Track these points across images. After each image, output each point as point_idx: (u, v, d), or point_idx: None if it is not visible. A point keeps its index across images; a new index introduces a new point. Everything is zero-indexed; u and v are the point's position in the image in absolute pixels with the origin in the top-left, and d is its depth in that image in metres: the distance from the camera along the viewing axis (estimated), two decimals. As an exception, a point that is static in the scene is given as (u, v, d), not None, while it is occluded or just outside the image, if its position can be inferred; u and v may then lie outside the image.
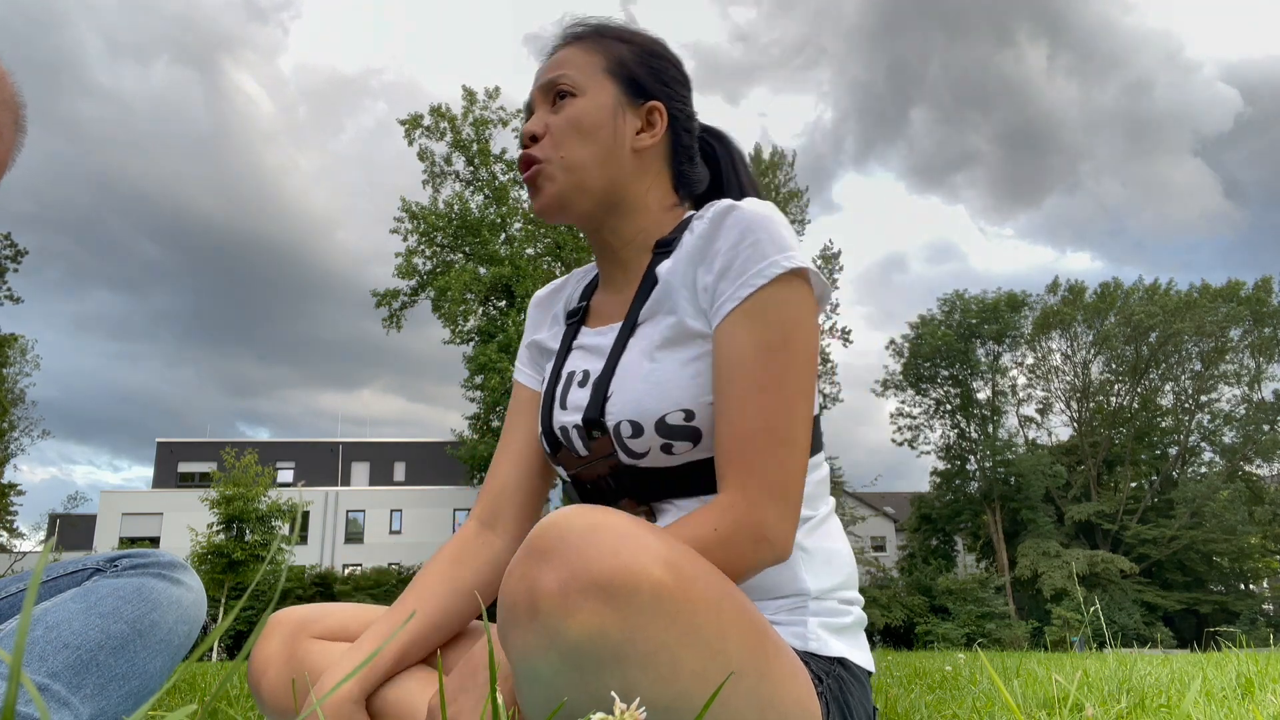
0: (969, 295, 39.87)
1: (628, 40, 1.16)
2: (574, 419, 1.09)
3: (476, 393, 29.96)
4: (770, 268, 0.97)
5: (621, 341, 1.08)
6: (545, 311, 1.30)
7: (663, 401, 1.00)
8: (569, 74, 1.13)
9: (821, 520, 1.07)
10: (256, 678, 1.08)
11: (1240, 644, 3.86)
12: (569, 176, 1.11)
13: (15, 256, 27.68)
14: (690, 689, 0.75)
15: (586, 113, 1.11)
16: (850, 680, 1.00)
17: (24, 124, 1.11)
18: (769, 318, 0.96)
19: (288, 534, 24.46)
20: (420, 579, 1.12)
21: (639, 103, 1.13)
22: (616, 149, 1.11)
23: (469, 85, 30.71)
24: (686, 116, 1.18)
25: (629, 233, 1.14)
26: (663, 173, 1.16)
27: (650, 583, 0.72)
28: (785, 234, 0.99)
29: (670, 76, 1.16)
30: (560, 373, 1.16)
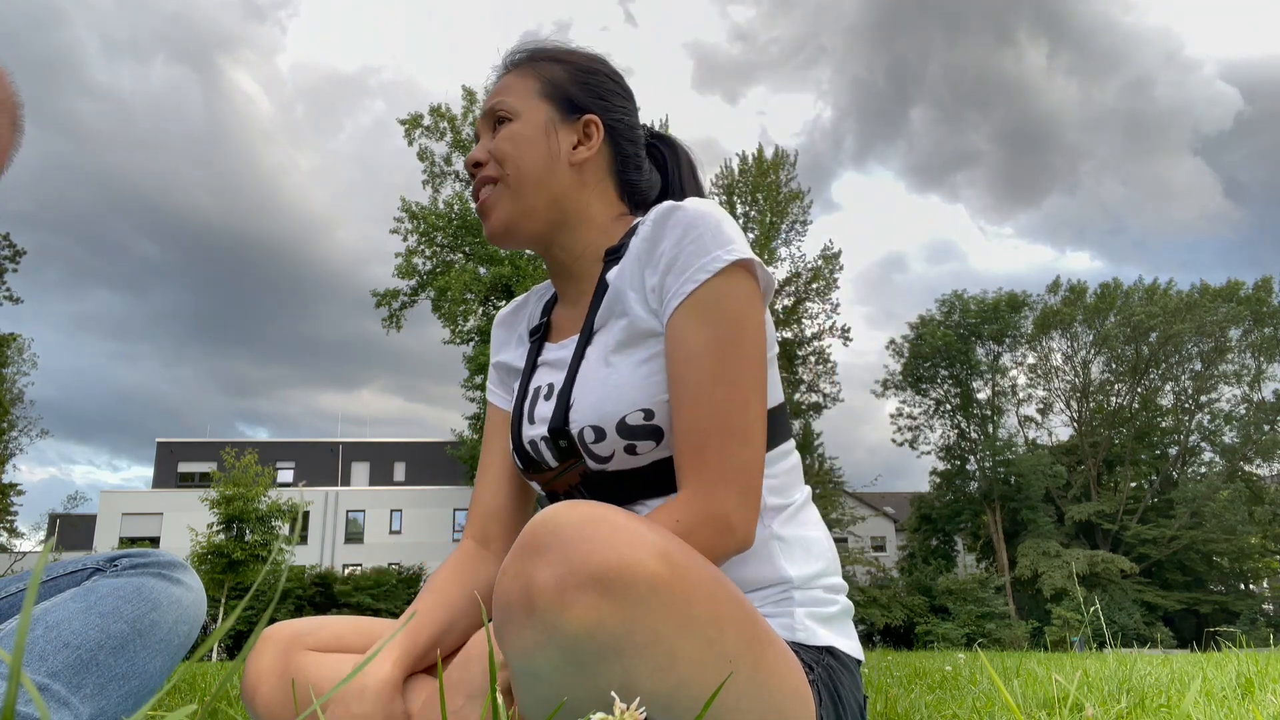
0: (968, 295, 39.91)
1: (562, 60, 1.21)
2: (541, 431, 1.11)
3: (476, 393, 29.96)
4: (713, 261, 0.99)
5: (580, 351, 1.11)
6: (509, 331, 1.33)
7: (621, 403, 1.02)
8: (505, 100, 1.17)
9: (798, 509, 1.08)
10: (250, 692, 1.06)
11: (1240, 644, 3.86)
12: (514, 203, 1.15)
13: (14, 256, 27.69)
14: (689, 677, 0.76)
15: (521, 133, 1.15)
16: (840, 669, 1.00)
17: (21, 123, 1.11)
18: (715, 311, 0.98)
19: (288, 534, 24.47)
20: (432, 583, 1.13)
21: (574, 118, 1.17)
22: (553, 164, 1.15)
23: (468, 85, 30.69)
24: (627, 126, 1.21)
25: (578, 247, 1.17)
26: (606, 183, 1.19)
27: (646, 574, 0.72)
28: (727, 228, 1.01)
29: (606, 90, 1.20)
30: (527, 389, 1.19)
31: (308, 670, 1.07)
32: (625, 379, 1.04)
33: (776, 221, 32.58)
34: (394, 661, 0.99)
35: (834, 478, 32.57)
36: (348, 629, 1.13)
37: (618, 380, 1.04)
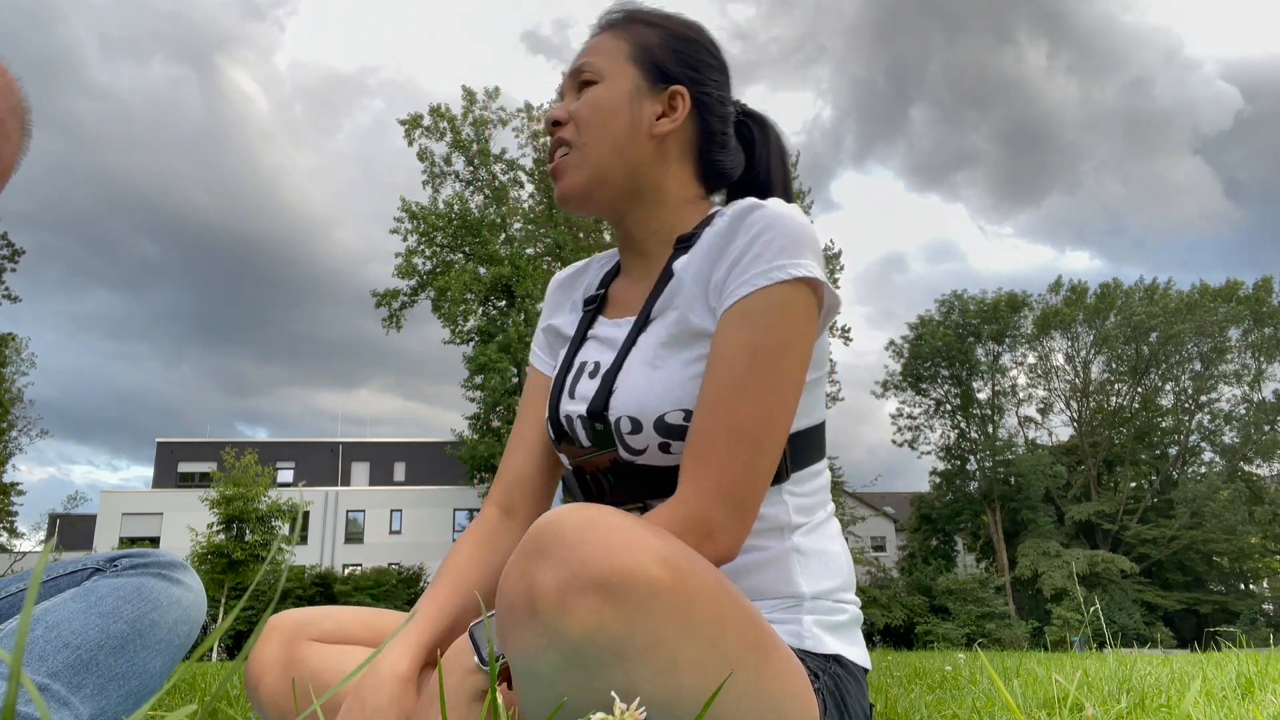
0: (968, 295, 39.91)
1: (658, 25, 1.15)
2: (579, 409, 1.09)
3: (476, 393, 29.97)
4: (776, 271, 0.96)
5: (632, 337, 1.08)
6: (564, 296, 1.29)
7: (663, 400, 1.00)
8: (594, 61, 1.13)
9: (819, 523, 1.07)
10: (254, 681, 1.07)
11: (1240, 644, 3.86)
12: (589, 167, 1.11)
13: (13, 256, 27.68)
14: (690, 683, 0.76)
15: (604, 99, 1.11)
16: (846, 677, 1.00)
17: (29, 128, 1.11)
18: (761, 320, 0.95)
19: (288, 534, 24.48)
20: (451, 560, 1.11)
21: (660, 88, 1.12)
22: (634, 135, 1.10)
23: (468, 85, 30.74)
24: (718, 101, 1.15)
25: (652, 224, 1.14)
26: (686, 160, 1.14)
27: (648, 579, 0.72)
28: (802, 241, 0.97)
29: (700, 60, 1.14)
30: (572, 362, 1.16)
31: (311, 661, 1.06)
32: (671, 377, 1.01)
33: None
34: (409, 653, 0.98)
35: (834, 478, 32.50)
36: (352, 620, 1.13)
37: (664, 377, 1.02)
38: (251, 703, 1.09)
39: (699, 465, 0.93)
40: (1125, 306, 38.37)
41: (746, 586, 1.00)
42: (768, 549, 1.02)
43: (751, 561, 1.02)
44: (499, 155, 30.55)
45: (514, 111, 30.76)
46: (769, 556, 1.02)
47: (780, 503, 1.03)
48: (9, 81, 1.07)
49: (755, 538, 1.02)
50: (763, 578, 1.01)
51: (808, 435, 1.06)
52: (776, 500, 1.03)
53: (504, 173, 30.86)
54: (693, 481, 0.93)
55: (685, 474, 0.94)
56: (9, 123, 1.07)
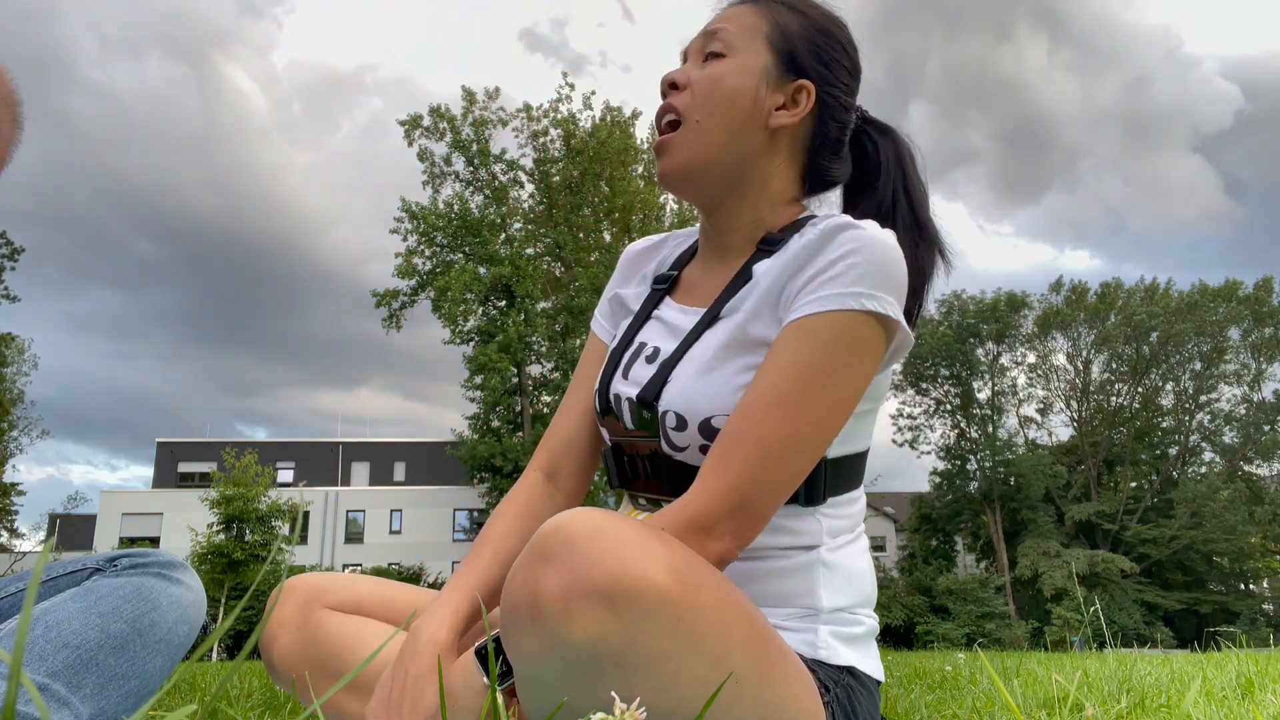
0: (967, 295, 39.91)
1: (802, 11, 1.10)
2: (630, 392, 1.07)
3: (476, 393, 29.97)
4: (850, 298, 0.92)
5: (698, 331, 1.06)
6: (636, 268, 1.26)
7: (712, 404, 0.99)
8: (729, 30, 1.08)
9: (848, 540, 1.05)
10: (269, 642, 1.07)
11: (1240, 644, 3.86)
12: (697, 147, 1.06)
13: (12, 255, 27.68)
14: (692, 696, 0.75)
15: (730, 75, 1.06)
16: (859, 689, 0.99)
17: (21, 120, 1.11)
18: (819, 341, 0.93)
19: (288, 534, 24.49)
20: (493, 527, 1.10)
21: (789, 78, 1.07)
22: (752, 121, 1.05)
23: (468, 85, 30.71)
24: (841, 106, 1.10)
25: (743, 217, 1.10)
26: (794, 158, 1.10)
27: (653, 589, 0.71)
28: (888, 273, 0.94)
29: (834, 58, 1.09)
30: (632, 340, 1.14)
31: (326, 628, 1.06)
32: (724, 382, 0.99)
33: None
34: (448, 621, 0.96)
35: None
36: (369, 593, 1.12)
37: (717, 380, 1.00)
38: (265, 664, 1.09)
39: (716, 466, 0.92)
40: (1126, 306, 38.37)
41: (766, 591, 0.99)
42: (794, 556, 1.01)
43: (775, 568, 1.00)
44: (499, 155, 30.55)
45: (514, 112, 30.78)
46: (793, 565, 1.01)
47: (815, 522, 1.02)
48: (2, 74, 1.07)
49: (783, 547, 1.01)
50: (784, 585, 1.00)
51: (850, 462, 1.05)
52: (810, 520, 1.02)
53: (504, 173, 30.87)
54: (705, 481, 0.92)
55: (701, 473, 0.93)
56: (1, 114, 1.06)
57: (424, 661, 0.92)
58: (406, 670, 0.92)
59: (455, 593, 0.99)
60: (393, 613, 1.13)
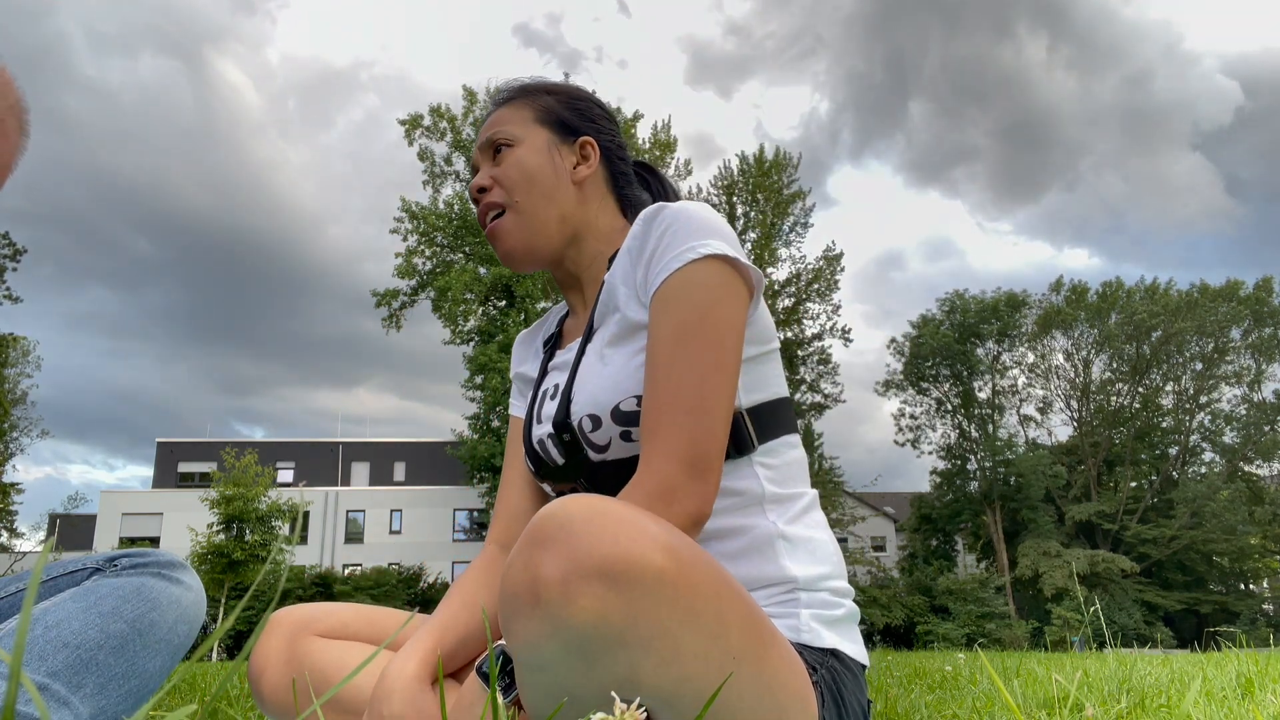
0: (969, 295, 39.92)
1: (551, 91, 1.28)
2: (547, 429, 1.15)
3: (476, 393, 29.97)
4: (686, 252, 1.02)
5: (581, 349, 1.15)
6: (527, 347, 1.39)
7: (615, 391, 1.06)
8: (504, 129, 1.24)
9: (804, 509, 1.09)
10: (256, 676, 1.09)
11: (1240, 644, 3.86)
12: (527, 222, 1.21)
13: (14, 255, 27.69)
14: (693, 672, 0.76)
15: (525, 157, 1.21)
16: (844, 672, 1.01)
17: (28, 128, 1.11)
18: (681, 297, 1.02)
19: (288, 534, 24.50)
20: (460, 584, 1.14)
21: (571, 140, 1.24)
22: (558, 184, 1.21)
23: (466, 83, 30.71)
24: (618, 147, 1.29)
25: (585, 258, 1.24)
26: (606, 199, 1.26)
27: (651, 568, 0.73)
28: (708, 225, 1.04)
29: (596, 114, 1.28)
30: (538, 394, 1.24)
31: (314, 656, 1.09)
32: (619, 369, 1.07)
33: (777, 222, 32.59)
34: (421, 661, 1.00)
35: (834, 478, 32.56)
36: (354, 618, 1.15)
37: (612, 371, 1.08)
38: (254, 697, 1.10)
39: (651, 439, 0.98)
40: (1126, 306, 38.39)
41: (739, 575, 1.01)
42: (750, 531, 1.04)
43: (737, 548, 1.04)
44: (499, 155, 30.54)
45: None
46: (754, 541, 1.04)
47: (751, 475, 1.06)
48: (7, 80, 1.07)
49: (733, 515, 1.05)
50: (751, 564, 1.03)
51: (770, 408, 1.10)
52: (747, 472, 1.06)
53: (504, 173, 30.84)
54: (648, 455, 0.97)
55: (642, 452, 0.98)
56: (8, 121, 1.06)
57: (395, 703, 0.95)
58: (380, 713, 0.95)
59: (426, 636, 1.04)
60: (379, 634, 1.16)
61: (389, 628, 1.17)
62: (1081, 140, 70.39)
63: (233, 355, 72.37)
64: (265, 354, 73.16)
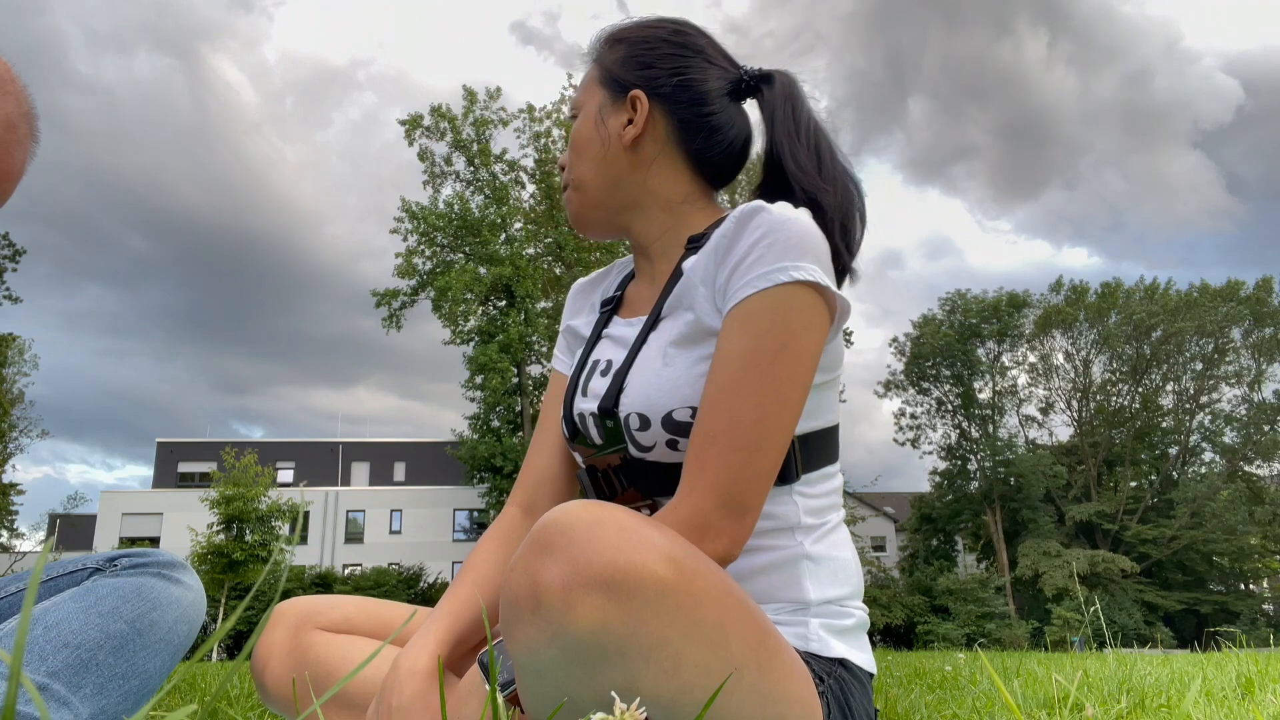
0: (970, 295, 39.90)
1: (623, 38, 1.17)
2: (591, 406, 1.10)
3: (476, 393, 29.97)
4: (778, 273, 0.96)
5: (643, 335, 1.10)
6: (583, 299, 1.33)
7: (671, 397, 1.01)
8: (576, 97, 1.20)
9: (831, 529, 1.07)
10: (260, 668, 1.09)
11: (1240, 644, 3.86)
12: (580, 196, 1.18)
13: (14, 256, 27.68)
14: (693, 683, 0.76)
15: (580, 129, 1.17)
16: (851, 681, 1.00)
17: (38, 133, 1.12)
18: (761, 322, 0.95)
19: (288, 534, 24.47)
20: (474, 558, 1.12)
21: (620, 98, 1.14)
22: (606, 151, 1.15)
23: (464, 82, 30.69)
24: (683, 87, 1.13)
25: (653, 229, 1.17)
26: (668, 157, 1.14)
27: (653, 578, 0.72)
28: (806, 244, 0.97)
29: (655, 56, 1.14)
30: (586, 360, 1.18)
31: (317, 650, 1.08)
32: (680, 375, 1.02)
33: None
34: (431, 652, 0.98)
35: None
36: (358, 612, 1.14)
37: (672, 375, 1.03)
38: (257, 689, 1.11)
39: (696, 466, 0.94)
40: (1126, 306, 38.37)
41: (754, 589, 1.00)
42: (777, 550, 1.02)
43: (760, 564, 1.01)
44: (499, 155, 30.55)
45: (515, 112, 30.78)
46: (778, 559, 1.02)
47: (790, 503, 1.03)
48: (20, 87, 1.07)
49: (764, 537, 1.02)
50: (770, 581, 1.01)
51: (819, 437, 1.06)
52: (786, 500, 1.03)
53: (505, 173, 30.87)
54: (690, 482, 0.93)
55: (684, 476, 0.95)
56: (22, 127, 1.07)
57: (405, 693, 0.94)
58: (389, 703, 0.93)
59: (437, 623, 1.02)
60: (383, 628, 1.14)
61: (393, 622, 1.16)
62: (1081, 138, 70.32)
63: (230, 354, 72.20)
64: (263, 353, 73.00)
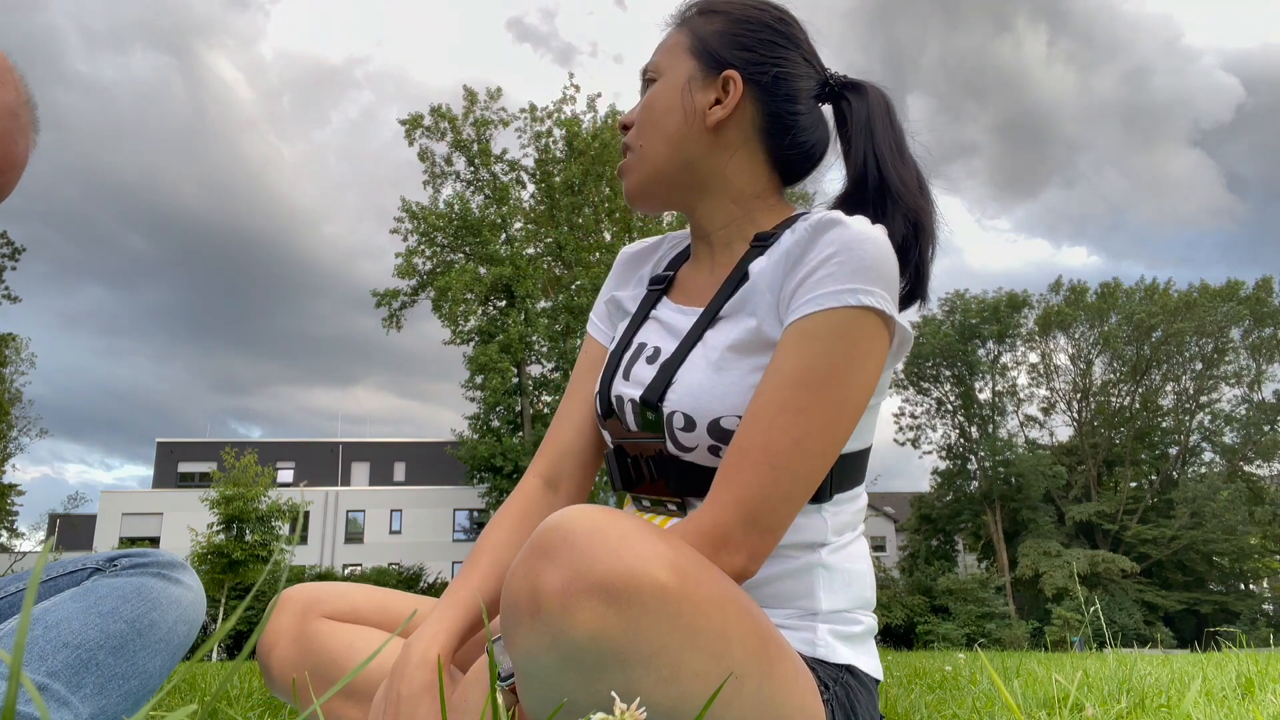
0: (969, 295, 39.89)
1: (721, 11, 1.11)
2: (633, 393, 1.06)
3: (477, 393, 29.97)
4: (845, 295, 0.92)
5: (698, 331, 1.06)
6: (632, 270, 1.26)
7: (721, 404, 0.98)
8: (658, 59, 1.13)
9: (849, 542, 1.05)
10: (265, 652, 1.08)
11: (1240, 644, 3.86)
12: (645, 167, 1.11)
13: (13, 255, 27.67)
14: (693, 691, 0.75)
15: (660, 95, 1.10)
16: (858, 688, 0.99)
17: (38, 124, 1.12)
18: (819, 343, 0.92)
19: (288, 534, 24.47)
20: (489, 537, 1.10)
21: (714, 75, 1.08)
22: (687, 128, 1.08)
23: (464, 81, 30.69)
24: (782, 80, 1.08)
25: (719, 217, 1.11)
26: (750, 147, 1.09)
27: (653, 585, 0.72)
28: (879, 268, 0.93)
29: (758, 40, 1.08)
30: (631, 341, 1.14)
31: (322, 638, 1.08)
32: (734, 382, 0.99)
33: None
34: (439, 638, 0.96)
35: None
36: (365, 602, 1.13)
37: (726, 380, 1.00)
38: (263, 675, 1.10)
39: (726, 479, 0.91)
40: (1126, 306, 38.38)
41: (765, 594, 0.99)
42: (794, 560, 1.01)
43: (775, 572, 1.00)
44: (500, 155, 30.55)
45: (516, 112, 30.78)
46: (794, 568, 1.00)
47: (819, 520, 1.01)
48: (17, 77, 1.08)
49: (785, 549, 1.00)
50: (783, 587, 1.00)
51: (855, 458, 1.04)
52: (815, 517, 1.01)
53: (505, 173, 30.86)
54: (716, 495, 0.91)
55: (714, 486, 0.93)
56: (23, 115, 1.07)
57: (415, 682, 0.92)
58: (399, 691, 0.92)
59: (448, 610, 1.00)
60: (389, 620, 1.13)
61: (399, 613, 1.14)
62: (1081, 136, 70.30)
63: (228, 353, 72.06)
64: (261, 352, 72.89)
